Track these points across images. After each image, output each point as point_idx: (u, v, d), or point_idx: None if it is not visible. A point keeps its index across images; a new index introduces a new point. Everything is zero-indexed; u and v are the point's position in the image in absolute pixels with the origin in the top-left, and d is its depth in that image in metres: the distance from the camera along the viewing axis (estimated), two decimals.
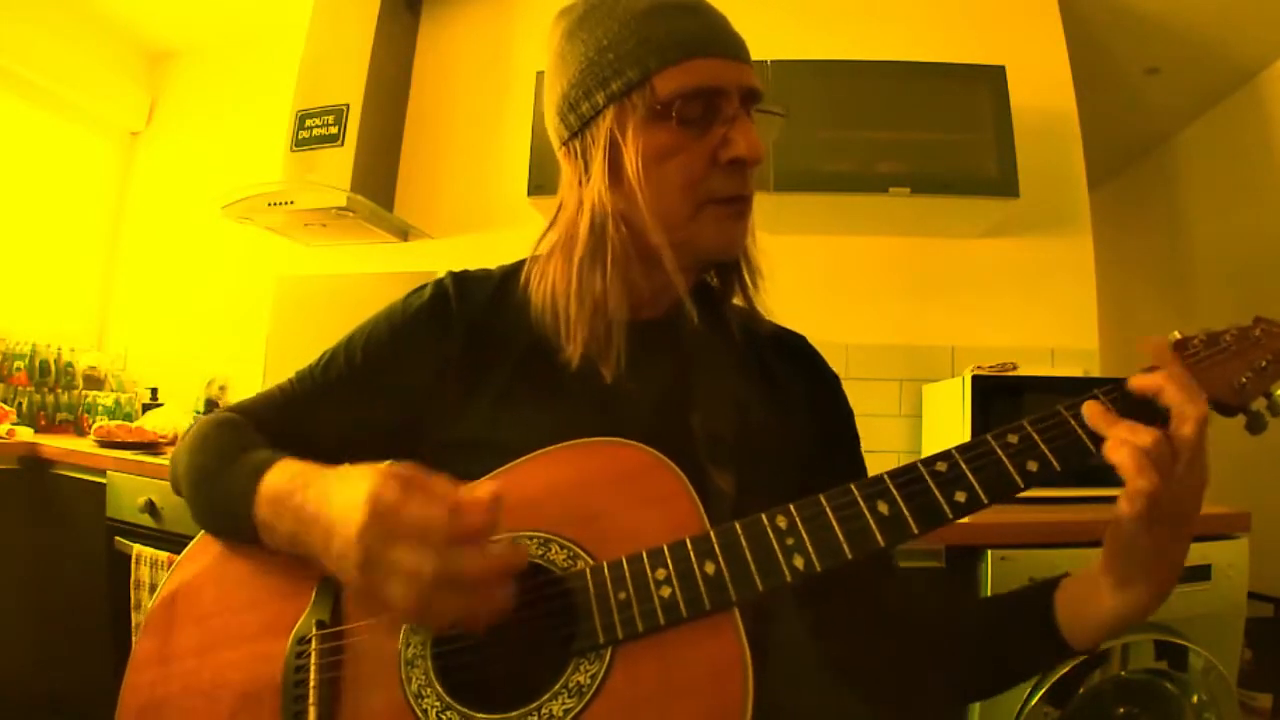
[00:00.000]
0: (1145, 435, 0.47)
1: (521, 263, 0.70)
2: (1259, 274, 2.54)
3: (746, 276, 0.68)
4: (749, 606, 0.49)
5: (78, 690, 1.76)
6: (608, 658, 0.49)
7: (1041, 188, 1.93)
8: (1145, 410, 0.50)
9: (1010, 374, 1.64)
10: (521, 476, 0.57)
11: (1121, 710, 1.25)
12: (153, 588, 1.54)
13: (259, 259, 2.44)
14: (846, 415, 0.74)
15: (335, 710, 0.51)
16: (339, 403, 0.67)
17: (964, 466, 0.50)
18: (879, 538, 0.49)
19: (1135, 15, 2.29)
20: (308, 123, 2.18)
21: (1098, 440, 0.49)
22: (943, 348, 2.01)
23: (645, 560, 0.51)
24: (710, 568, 0.49)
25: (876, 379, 2.00)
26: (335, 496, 0.50)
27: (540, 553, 0.54)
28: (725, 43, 0.60)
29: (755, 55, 0.64)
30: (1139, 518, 0.47)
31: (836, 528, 0.49)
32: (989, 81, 1.79)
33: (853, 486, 0.51)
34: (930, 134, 1.80)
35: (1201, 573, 1.27)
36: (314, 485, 0.53)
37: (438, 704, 0.50)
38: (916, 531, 0.49)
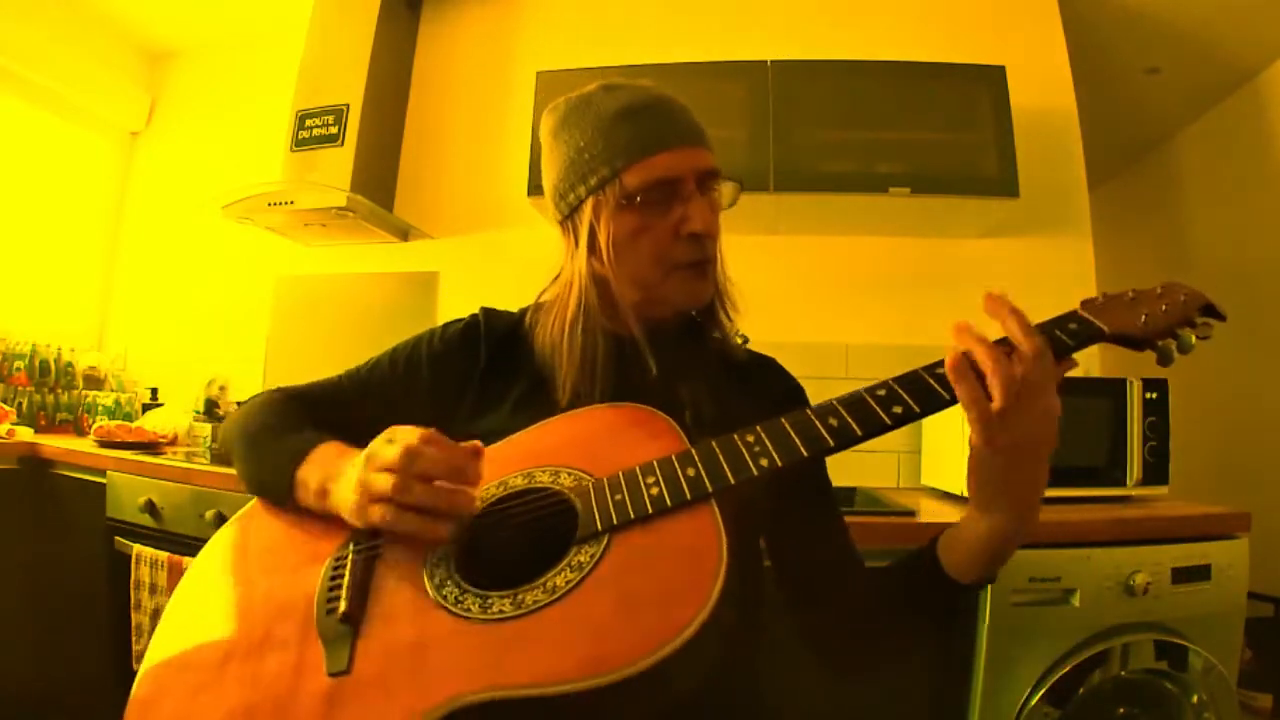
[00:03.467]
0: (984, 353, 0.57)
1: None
2: (1258, 274, 2.54)
3: (722, 314, 0.81)
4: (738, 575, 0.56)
5: (78, 690, 1.76)
6: (605, 542, 0.57)
7: (1041, 188, 1.93)
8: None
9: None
10: (537, 433, 0.71)
11: (1121, 710, 1.25)
12: (153, 588, 1.54)
13: (259, 259, 2.44)
14: None
15: (364, 604, 0.58)
16: (378, 398, 0.81)
17: (899, 389, 0.61)
18: (829, 440, 0.59)
19: (1135, 15, 2.29)
20: (308, 123, 2.18)
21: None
22: (943, 348, 2.00)
23: (638, 471, 0.61)
24: (691, 471, 0.59)
25: (876, 379, 2.00)
26: (350, 461, 0.64)
27: (551, 479, 0.64)
28: (680, 135, 0.73)
29: (755, 55, 0.66)
30: (985, 444, 0.56)
31: (794, 436, 0.60)
32: (989, 81, 1.79)
33: (807, 410, 0.61)
34: (930, 134, 1.80)
35: (1201, 573, 1.27)
36: (338, 461, 0.66)
37: (456, 590, 0.57)
38: (860, 434, 0.59)
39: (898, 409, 0.60)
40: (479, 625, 0.53)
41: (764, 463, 0.58)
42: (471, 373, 0.79)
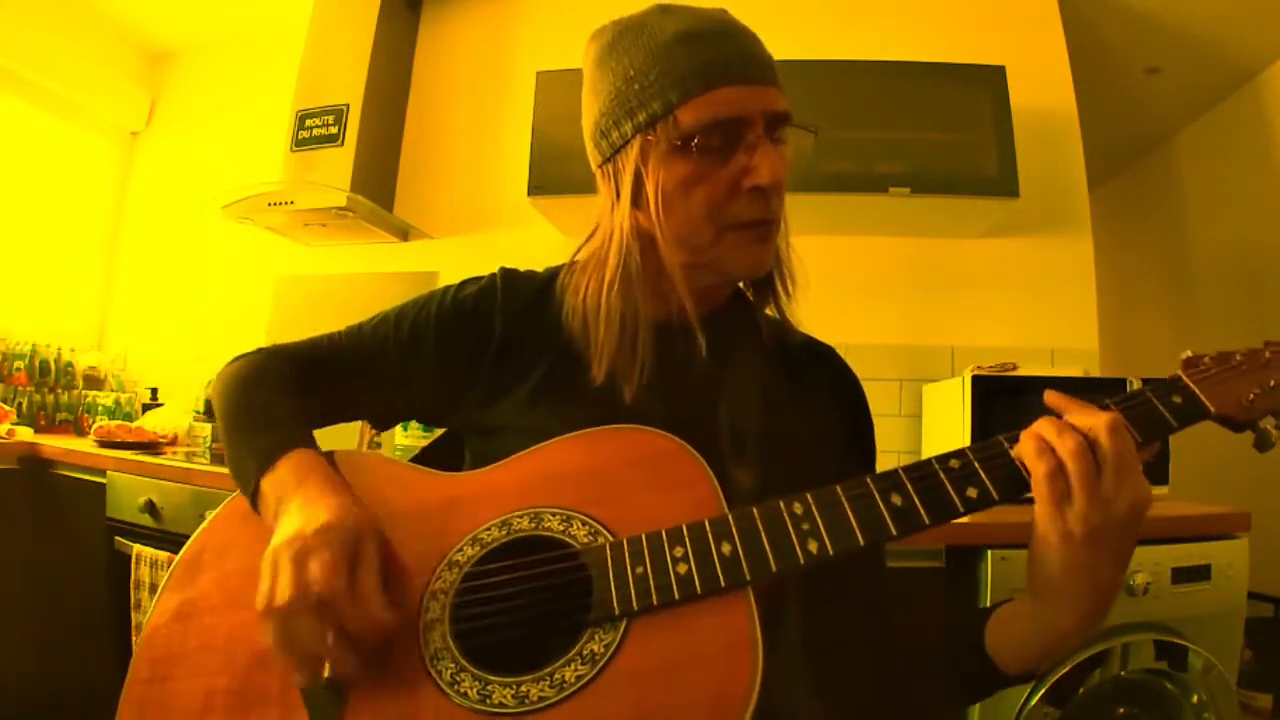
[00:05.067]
0: (1041, 465, 0.48)
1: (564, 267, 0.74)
2: (1258, 274, 2.54)
3: (780, 287, 0.70)
4: (760, 601, 0.50)
5: (78, 690, 1.76)
6: (622, 629, 0.49)
7: (1041, 188, 1.93)
8: None
9: (1010, 374, 1.64)
10: (549, 455, 0.61)
11: (1121, 710, 1.25)
12: (153, 588, 1.54)
13: (259, 259, 2.44)
14: (867, 428, 0.76)
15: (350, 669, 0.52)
16: (377, 368, 0.71)
17: (976, 465, 0.51)
18: (891, 527, 0.50)
19: (1135, 15, 2.29)
20: (308, 123, 2.18)
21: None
22: (943, 348, 2.01)
23: (664, 538, 0.52)
24: (726, 548, 0.51)
25: (876, 379, 2.00)
26: (301, 512, 0.54)
27: (562, 528, 0.56)
28: (748, 68, 0.61)
29: None
30: (1059, 540, 0.48)
31: (851, 516, 0.51)
32: (989, 81, 1.79)
33: (868, 479, 0.52)
34: (930, 134, 1.80)
35: (1201, 573, 1.27)
36: (299, 490, 0.57)
37: (453, 666, 0.51)
38: (928, 522, 0.50)
39: (972, 491, 0.50)
40: (476, 717, 0.48)
41: (812, 547, 0.50)
42: (484, 348, 0.69)
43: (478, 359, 0.69)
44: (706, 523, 0.52)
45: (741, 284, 0.74)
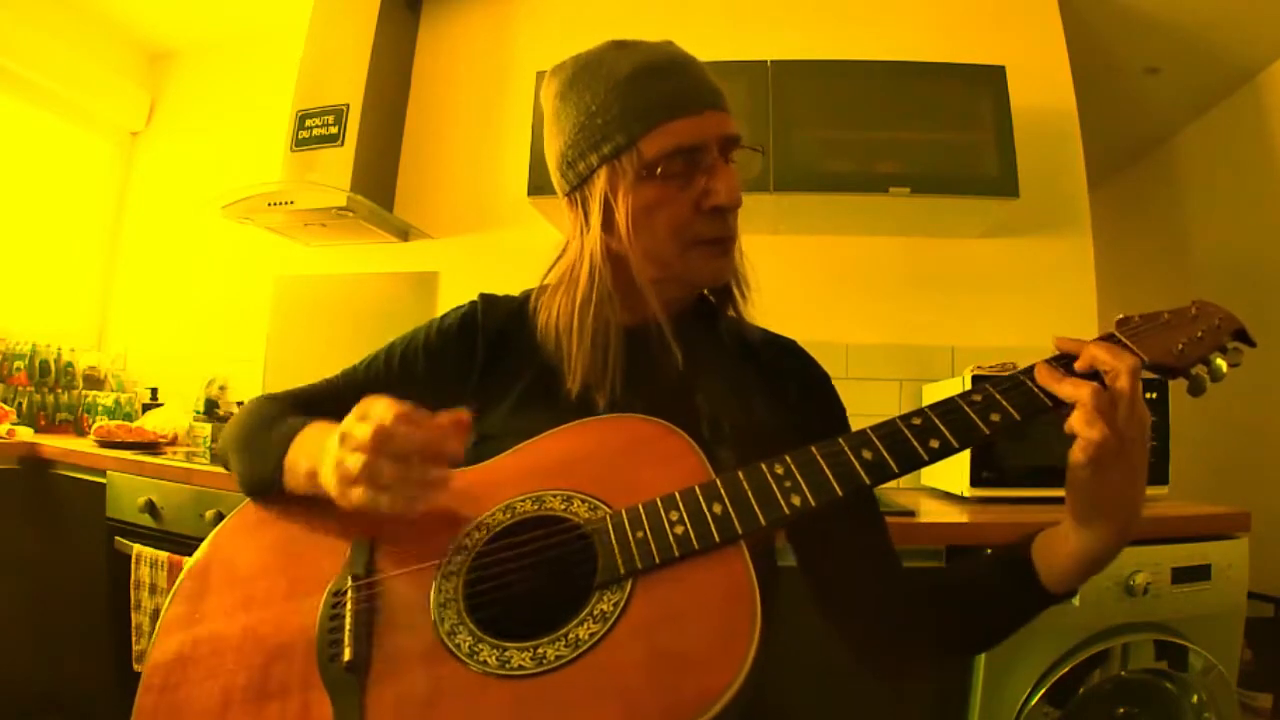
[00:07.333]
0: (1086, 388, 0.53)
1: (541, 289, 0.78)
2: (1258, 273, 2.54)
3: (736, 293, 0.76)
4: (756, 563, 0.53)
5: (78, 690, 1.76)
6: (628, 588, 0.53)
7: (1041, 188, 1.93)
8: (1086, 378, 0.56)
9: (1010, 374, 1.64)
10: (543, 446, 0.65)
11: (1121, 710, 1.25)
12: (153, 588, 1.54)
13: (259, 259, 2.45)
14: (840, 411, 0.80)
15: (370, 650, 0.54)
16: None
17: (936, 420, 0.57)
18: (865, 477, 0.55)
19: (1135, 15, 2.29)
20: (308, 123, 2.18)
21: (1050, 396, 0.56)
22: (943, 348, 2.01)
23: (659, 504, 0.56)
24: (718, 508, 0.55)
25: (876, 379, 2.00)
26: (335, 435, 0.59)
27: (564, 506, 0.60)
28: (701, 99, 0.67)
29: (755, 55, 0.66)
30: (1090, 463, 0.53)
31: (827, 471, 0.56)
32: (989, 81, 1.79)
33: (840, 440, 0.57)
34: (930, 134, 1.80)
35: (1201, 573, 1.27)
36: (331, 432, 0.61)
37: (470, 638, 0.53)
38: (897, 470, 0.55)
39: (934, 442, 0.55)
40: (498, 681, 0.50)
41: (795, 501, 0.54)
42: (469, 368, 0.75)
43: (465, 378, 0.75)
44: (697, 488, 0.56)
45: (705, 292, 0.79)
